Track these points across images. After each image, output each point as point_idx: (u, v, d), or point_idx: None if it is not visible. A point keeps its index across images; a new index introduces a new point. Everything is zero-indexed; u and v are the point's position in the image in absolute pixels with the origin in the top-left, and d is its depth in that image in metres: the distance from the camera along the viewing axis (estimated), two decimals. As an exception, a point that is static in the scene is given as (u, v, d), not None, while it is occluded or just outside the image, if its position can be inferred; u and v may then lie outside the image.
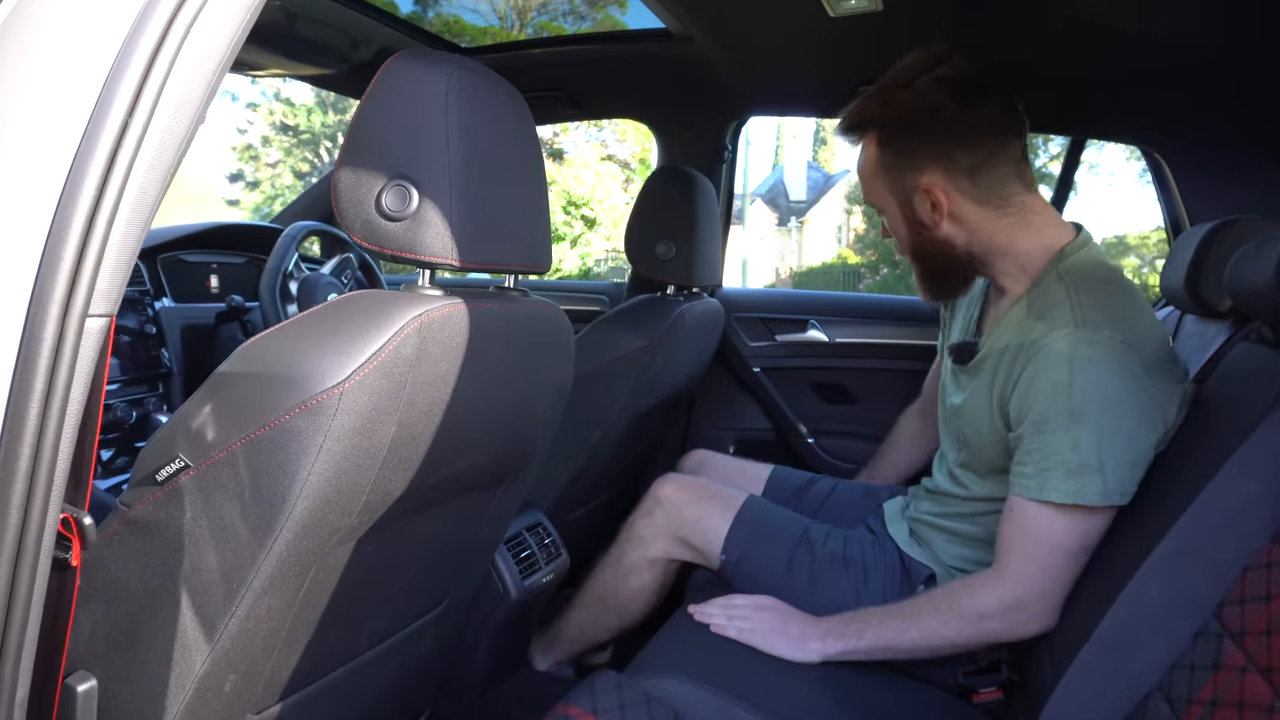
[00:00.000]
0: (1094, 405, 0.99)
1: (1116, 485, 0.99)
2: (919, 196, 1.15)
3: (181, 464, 0.70)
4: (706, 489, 1.39)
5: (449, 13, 1.88)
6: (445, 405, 0.78)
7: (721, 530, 1.32)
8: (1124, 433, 0.99)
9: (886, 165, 1.18)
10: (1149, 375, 1.01)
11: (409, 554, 0.94)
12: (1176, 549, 0.82)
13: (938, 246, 1.18)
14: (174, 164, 0.59)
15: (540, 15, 2.11)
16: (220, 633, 0.71)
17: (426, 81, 0.76)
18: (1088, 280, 1.08)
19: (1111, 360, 1.00)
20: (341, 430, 0.68)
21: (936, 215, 1.15)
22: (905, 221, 1.19)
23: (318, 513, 0.70)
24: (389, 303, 0.73)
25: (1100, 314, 1.03)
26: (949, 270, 1.19)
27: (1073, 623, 0.99)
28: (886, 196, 1.20)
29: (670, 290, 1.65)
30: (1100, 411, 0.99)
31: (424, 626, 1.07)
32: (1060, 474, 1.00)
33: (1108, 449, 0.99)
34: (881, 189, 1.20)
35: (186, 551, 0.70)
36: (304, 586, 0.77)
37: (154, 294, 1.71)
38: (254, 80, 13.41)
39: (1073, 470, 1.00)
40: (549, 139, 12.99)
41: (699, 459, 1.61)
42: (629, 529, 1.41)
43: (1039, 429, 1.02)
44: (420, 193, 0.75)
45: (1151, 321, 1.08)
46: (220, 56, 0.60)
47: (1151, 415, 1.00)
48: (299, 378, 0.68)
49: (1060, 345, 1.02)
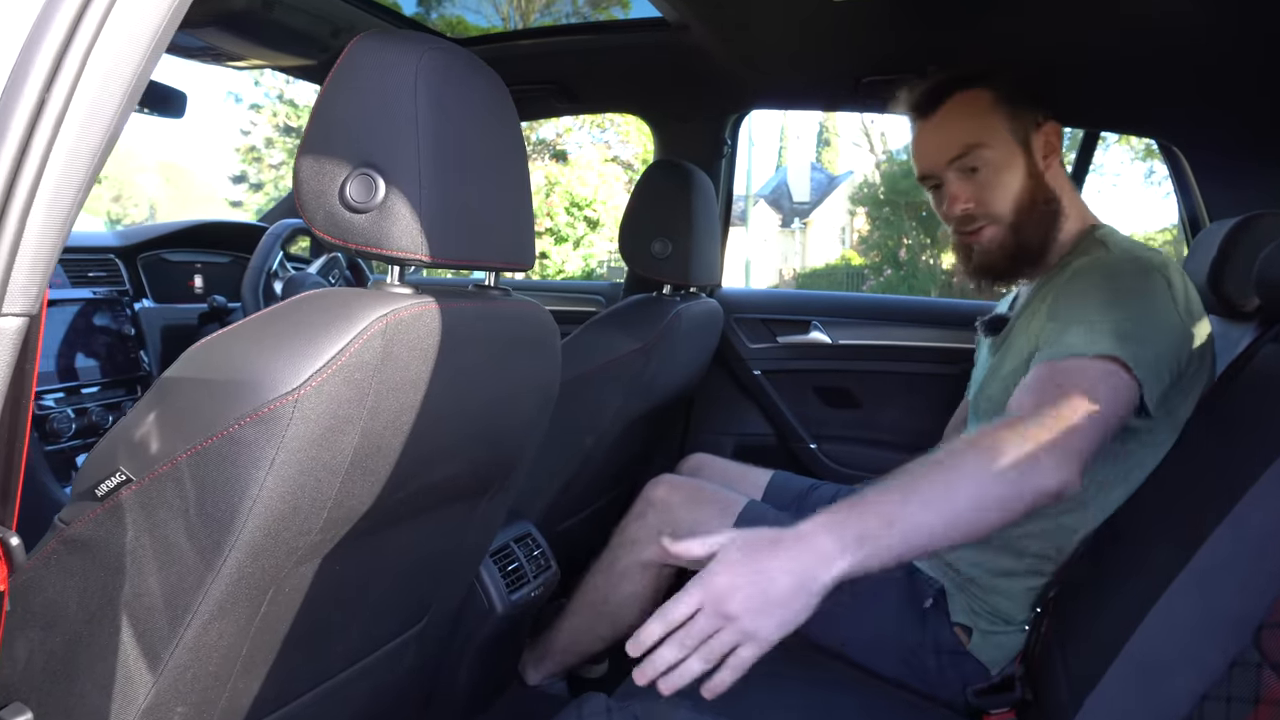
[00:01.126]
0: (1129, 297, 0.97)
1: (1148, 370, 0.91)
2: (1036, 136, 1.14)
3: (123, 478, 0.64)
4: (702, 491, 1.34)
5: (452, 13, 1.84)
6: (415, 412, 0.72)
7: None
8: (1154, 328, 0.95)
9: (1006, 105, 1.14)
10: (1181, 298, 0.99)
11: (383, 570, 0.88)
12: (1208, 567, 0.76)
13: (1044, 194, 1.14)
14: (102, 146, 0.53)
15: (543, 17, 2.07)
16: (165, 662, 0.65)
17: (395, 62, 0.71)
18: (1120, 240, 1.10)
19: (1145, 273, 0.99)
20: (297, 441, 0.63)
21: (1051, 159, 1.14)
22: (1023, 160, 1.14)
23: (272, 531, 0.65)
24: (351, 302, 0.67)
25: (1127, 251, 1.05)
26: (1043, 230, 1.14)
27: (1093, 642, 0.92)
28: (1000, 133, 1.14)
29: (666, 290, 1.59)
30: (1136, 302, 0.96)
31: (403, 644, 1.01)
32: (1097, 333, 0.92)
33: (1141, 333, 0.93)
34: (997, 125, 1.14)
35: (127, 574, 0.64)
36: (262, 609, 0.71)
37: (133, 294, 1.65)
38: (256, 82, 13.41)
39: (1109, 333, 0.92)
40: (552, 140, 12.97)
41: (697, 462, 1.57)
42: (621, 532, 1.36)
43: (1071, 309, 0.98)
44: (387, 182, 0.69)
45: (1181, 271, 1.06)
46: (157, 22, 0.54)
47: (1181, 335, 0.97)
48: (249, 384, 0.62)
49: (1094, 266, 1.03)
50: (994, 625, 1.12)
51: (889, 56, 1.56)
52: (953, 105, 1.17)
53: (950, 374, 1.88)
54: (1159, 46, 1.34)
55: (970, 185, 1.16)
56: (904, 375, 1.92)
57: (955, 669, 1.14)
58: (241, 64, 1.53)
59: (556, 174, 12.99)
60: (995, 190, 1.15)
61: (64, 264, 1.54)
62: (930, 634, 1.15)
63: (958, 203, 1.18)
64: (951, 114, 1.17)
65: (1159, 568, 0.83)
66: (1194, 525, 0.81)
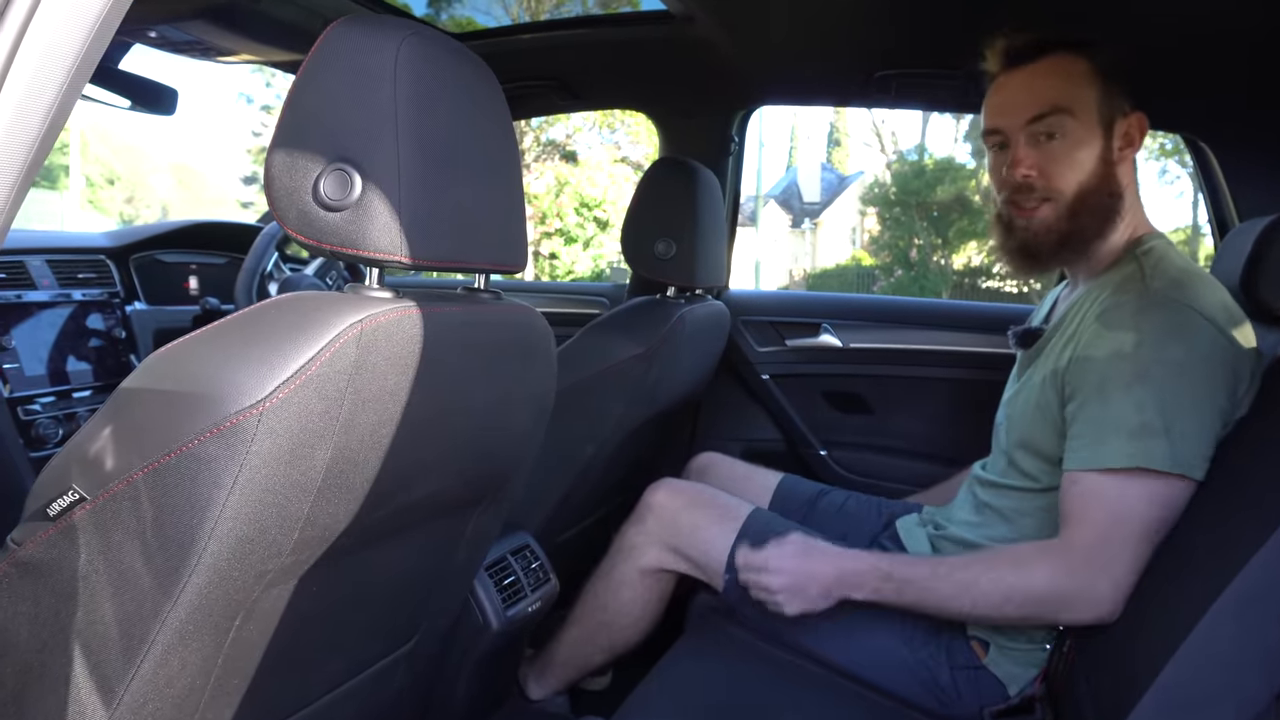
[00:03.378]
0: (1160, 368, 0.92)
1: (1185, 453, 0.89)
2: (1120, 123, 1.08)
3: (76, 496, 0.60)
4: (702, 495, 1.29)
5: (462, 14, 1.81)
6: (395, 425, 0.68)
7: (722, 544, 1.21)
8: (1192, 399, 0.91)
9: (1102, 80, 1.07)
10: (1220, 343, 0.93)
11: (367, 590, 0.84)
12: (1249, 593, 0.71)
13: (1110, 185, 1.08)
14: (41, 134, 0.48)
15: (552, 16, 2.03)
16: (120, 696, 0.60)
17: (372, 49, 0.66)
18: (1163, 260, 1.03)
19: (1181, 324, 0.93)
20: (262, 457, 0.58)
21: (1127, 150, 1.08)
22: (1101, 142, 1.07)
23: (236, 554, 0.60)
24: (324, 307, 0.63)
25: (1171, 283, 0.97)
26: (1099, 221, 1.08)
27: (1122, 671, 0.87)
28: (1089, 108, 1.06)
29: (670, 292, 1.53)
30: (1167, 375, 0.91)
31: (393, 664, 0.96)
32: (1120, 438, 0.91)
33: (1174, 413, 0.90)
34: (1089, 97, 1.07)
35: (80, 600, 0.59)
36: (230, 635, 0.66)
37: (125, 296, 1.62)
38: (268, 84, 13.44)
39: (1134, 432, 0.91)
40: (562, 140, 12.94)
41: (705, 461, 1.54)
42: (620, 538, 1.31)
43: (1097, 394, 0.95)
44: (363, 178, 0.64)
45: (1226, 299, 1.00)
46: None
47: (1220, 385, 0.92)
48: (210, 396, 0.57)
49: (1127, 309, 0.96)
50: (1013, 641, 1.07)
51: (903, 49, 1.50)
52: (1050, 63, 1.08)
53: (964, 378, 1.82)
54: (1184, 36, 1.28)
55: (1039, 153, 1.08)
56: (916, 379, 1.86)
57: (971, 687, 1.09)
58: (232, 59, 1.49)
59: (566, 174, 12.97)
60: (1064, 165, 1.07)
61: (53, 265, 1.50)
62: (944, 648, 1.10)
63: (1020, 167, 1.08)
64: (1046, 71, 1.08)
65: (1194, 593, 0.78)
66: (1230, 548, 0.76)
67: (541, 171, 12.98)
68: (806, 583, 1.07)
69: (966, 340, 1.83)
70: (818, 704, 1.06)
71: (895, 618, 1.12)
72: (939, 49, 1.49)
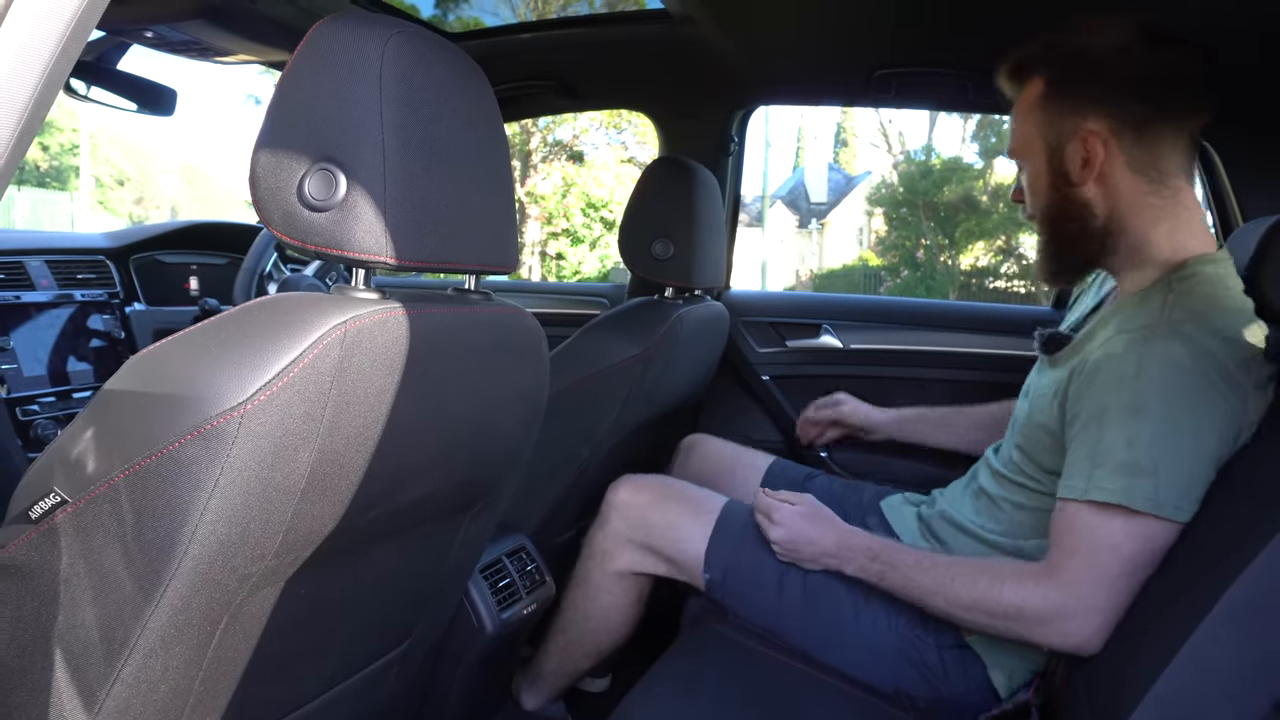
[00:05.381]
0: (1158, 403, 0.89)
1: (1170, 496, 0.88)
2: (1073, 145, 1.03)
3: (57, 499, 0.59)
4: (669, 489, 1.26)
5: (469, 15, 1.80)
6: (381, 427, 0.67)
7: (698, 541, 1.20)
8: (1186, 441, 0.89)
9: (1047, 105, 1.05)
10: (1226, 383, 0.90)
11: (357, 594, 0.83)
12: (1248, 601, 0.70)
13: (1074, 210, 1.05)
14: (14, 138, 0.48)
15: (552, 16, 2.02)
16: (102, 701, 0.60)
17: (358, 47, 0.65)
18: (1196, 290, 0.97)
19: (1185, 359, 0.90)
20: (243, 460, 0.57)
21: (1085, 171, 1.03)
22: (1049, 173, 1.06)
23: (219, 558, 0.59)
24: (307, 308, 0.62)
25: (1189, 314, 0.94)
26: (1077, 243, 1.07)
27: (1118, 677, 0.86)
28: (1035, 141, 1.07)
29: (669, 293, 1.52)
30: (1164, 411, 0.89)
31: (385, 668, 0.96)
32: (1107, 470, 0.91)
33: (1164, 453, 0.89)
34: (1032, 132, 1.07)
35: (61, 604, 0.59)
36: (215, 639, 0.66)
37: (125, 297, 1.62)
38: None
39: (1121, 468, 0.90)
40: (569, 141, 12.94)
41: (693, 441, 1.54)
42: (588, 544, 1.28)
43: (1094, 421, 0.94)
44: (348, 178, 0.64)
45: (1246, 331, 0.95)
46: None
47: (1221, 428, 0.89)
48: (190, 398, 0.57)
49: (1136, 337, 0.94)
50: None
51: (903, 48, 1.49)
52: (1022, 96, 1.09)
53: (966, 379, 1.81)
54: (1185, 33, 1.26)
55: (1022, 182, 1.13)
56: (919, 381, 1.84)
57: (959, 666, 1.08)
58: (230, 59, 1.49)
59: (573, 175, 12.97)
60: (1031, 193, 1.11)
61: (52, 266, 1.50)
62: (931, 629, 1.10)
63: (1014, 196, 1.15)
64: (1017, 108, 1.10)
65: (1191, 598, 0.77)
66: (1228, 555, 0.74)
67: (549, 172, 13.00)
68: (803, 545, 1.14)
69: (968, 341, 1.82)
70: (811, 705, 1.05)
71: (882, 613, 1.12)
72: (938, 48, 1.47)
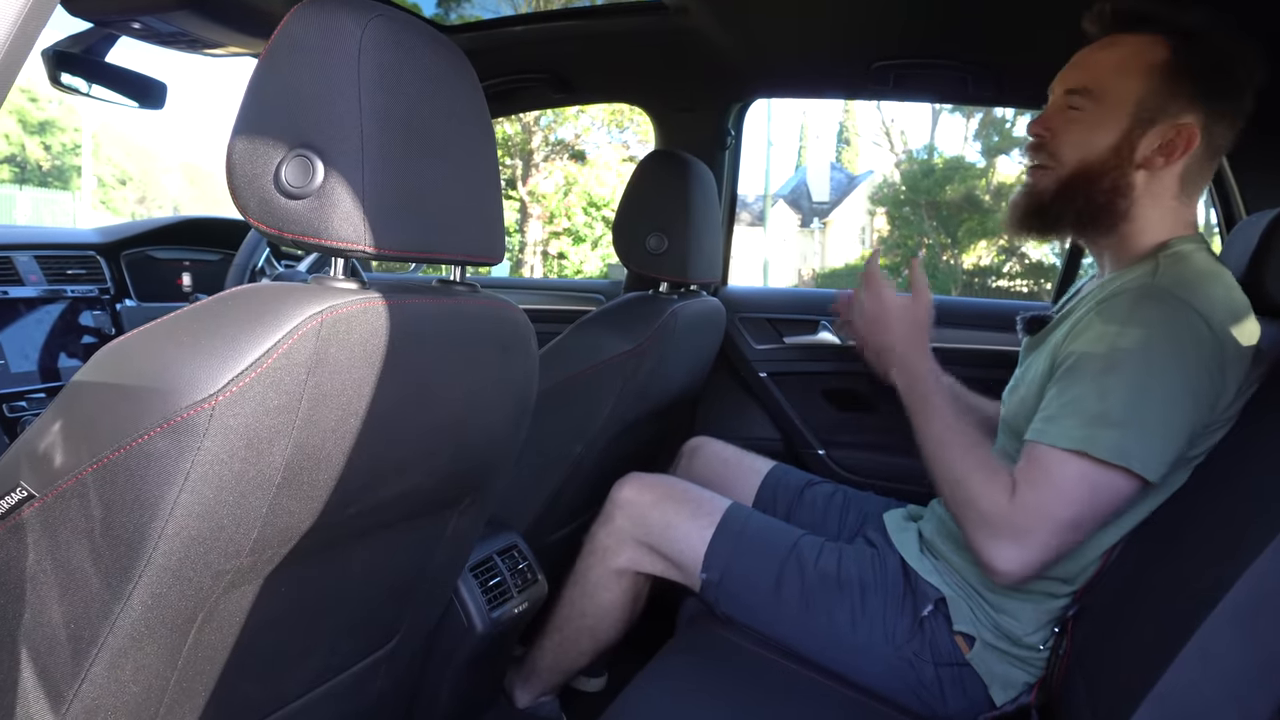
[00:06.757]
0: (1135, 360, 0.88)
1: (1137, 449, 0.87)
2: (1162, 127, 0.99)
3: (24, 494, 0.58)
4: (674, 490, 1.25)
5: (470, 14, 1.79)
6: (360, 421, 0.65)
7: (698, 542, 1.19)
8: (1160, 399, 0.88)
9: (1165, 75, 0.98)
10: (1208, 350, 0.89)
11: (344, 591, 0.82)
12: (1251, 600, 0.68)
13: (1110, 182, 1.01)
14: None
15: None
16: (69, 701, 0.58)
17: (335, 31, 0.63)
18: (1183, 261, 0.97)
19: (1171, 320, 0.89)
20: (214, 453, 0.56)
21: (1154, 157, 0.99)
22: (1117, 136, 1.00)
23: (190, 554, 0.58)
24: (283, 298, 0.60)
25: (1178, 281, 0.92)
26: (1085, 209, 1.03)
27: (1118, 677, 0.84)
28: (1124, 100, 0.99)
29: (664, 288, 1.50)
30: (1142, 368, 0.88)
31: (372, 667, 0.94)
32: (1075, 420, 0.90)
33: (1137, 409, 0.88)
34: (1129, 90, 0.99)
35: (28, 601, 0.57)
36: (190, 638, 0.64)
37: (116, 293, 1.60)
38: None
39: (1089, 419, 0.89)
40: (570, 140, 12.93)
41: (696, 444, 1.53)
42: (590, 540, 1.28)
43: (1071, 372, 0.93)
44: (325, 165, 0.62)
45: (1236, 301, 0.94)
46: None
47: (1197, 393, 0.88)
48: (160, 390, 0.55)
49: (1124, 299, 0.93)
50: (999, 640, 1.04)
51: (901, 40, 1.47)
52: (1124, 43, 1.02)
53: (966, 375, 1.78)
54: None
55: (1060, 118, 1.05)
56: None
57: (955, 686, 1.06)
58: (219, 51, 1.47)
59: (575, 174, 12.96)
60: (1073, 138, 1.03)
61: (42, 262, 1.49)
62: (928, 642, 1.07)
63: (1039, 124, 1.07)
64: (1109, 49, 1.03)
65: (1193, 596, 0.75)
66: (1231, 552, 0.73)
67: (550, 171, 12.99)
68: (883, 331, 1.16)
69: (968, 337, 1.80)
70: (805, 707, 1.03)
71: (879, 621, 1.10)
72: (937, 39, 1.45)
